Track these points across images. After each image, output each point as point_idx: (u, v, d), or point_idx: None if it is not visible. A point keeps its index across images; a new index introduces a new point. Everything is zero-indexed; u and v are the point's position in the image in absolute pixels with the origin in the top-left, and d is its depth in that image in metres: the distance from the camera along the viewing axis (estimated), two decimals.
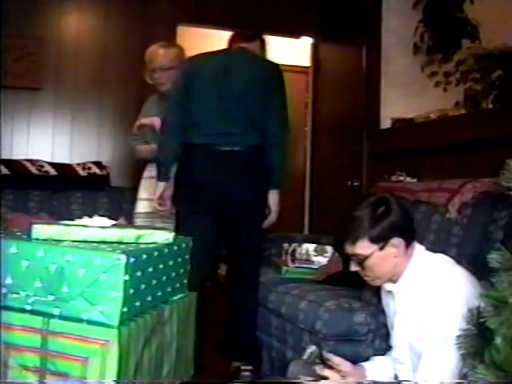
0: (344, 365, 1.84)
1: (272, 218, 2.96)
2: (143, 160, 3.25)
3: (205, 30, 4.96)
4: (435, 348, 1.65)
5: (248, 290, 2.91)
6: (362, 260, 1.78)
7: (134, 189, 3.31)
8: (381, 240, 1.76)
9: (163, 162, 2.83)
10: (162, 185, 2.83)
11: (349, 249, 1.80)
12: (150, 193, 3.10)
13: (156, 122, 3.05)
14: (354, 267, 1.83)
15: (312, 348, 1.91)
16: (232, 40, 3.02)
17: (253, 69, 2.83)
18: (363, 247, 1.77)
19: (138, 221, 3.14)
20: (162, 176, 2.83)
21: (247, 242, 2.88)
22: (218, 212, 2.81)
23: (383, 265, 1.78)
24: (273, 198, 2.93)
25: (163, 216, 3.01)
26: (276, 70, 2.88)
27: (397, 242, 1.76)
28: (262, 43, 3.08)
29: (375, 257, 1.76)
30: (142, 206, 3.16)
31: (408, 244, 1.79)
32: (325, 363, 1.84)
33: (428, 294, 1.71)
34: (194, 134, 2.76)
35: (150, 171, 3.14)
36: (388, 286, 1.85)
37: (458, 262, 1.83)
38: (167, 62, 3.05)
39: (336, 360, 1.84)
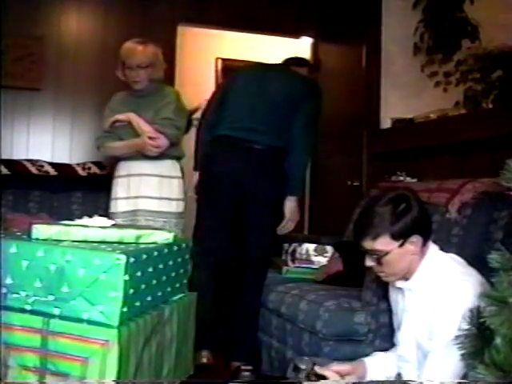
0: (341, 370, 1.83)
1: (288, 225, 3.02)
2: (115, 158, 3.12)
3: (205, 30, 4.96)
4: (443, 348, 1.64)
5: (251, 291, 2.93)
6: (381, 256, 1.77)
7: None
8: (401, 237, 1.76)
9: (199, 153, 3.10)
10: (197, 174, 3.07)
11: (368, 244, 1.79)
12: (128, 191, 3.02)
13: (132, 117, 2.98)
14: (369, 262, 1.82)
15: (305, 364, 1.86)
16: (284, 63, 3.28)
17: (290, 83, 3.00)
18: (384, 243, 1.76)
19: (119, 220, 2.93)
20: (198, 166, 3.10)
21: (255, 243, 2.92)
22: (232, 204, 2.93)
23: (400, 262, 1.78)
24: (289, 204, 3.00)
25: (146, 214, 2.97)
26: (313, 91, 3.06)
27: (416, 239, 1.77)
28: (312, 69, 3.34)
29: (394, 253, 1.76)
30: (120, 205, 3.02)
31: (425, 242, 1.79)
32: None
33: (439, 294, 1.71)
34: (221, 126, 2.96)
35: (129, 169, 3.04)
36: (399, 283, 1.84)
37: (469, 263, 1.83)
38: (145, 59, 2.97)
39: (330, 375, 1.81)
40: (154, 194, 2.98)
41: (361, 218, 1.84)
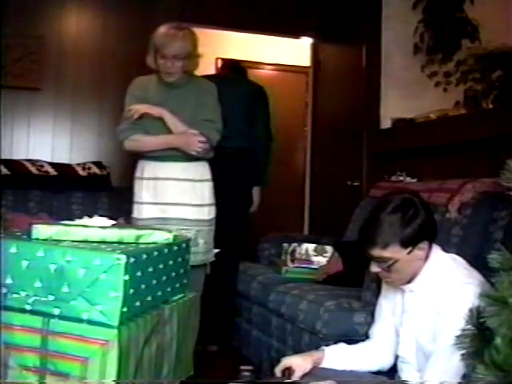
0: (291, 365, 1.87)
1: (254, 208, 3.66)
2: (135, 155, 2.81)
3: (205, 30, 4.96)
4: (446, 350, 1.64)
5: (226, 278, 3.33)
6: (390, 264, 1.75)
7: None
8: (410, 244, 1.73)
9: None
10: None
11: (376, 252, 1.75)
12: (155, 196, 2.70)
13: (167, 115, 2.65)
14: (375, 268, 1.79)
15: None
16: (223, 67, 4.14)
17: (243, 91, 3.59)
18: (394, 251, 1.74)
19: None
20: None
21: (228, 233, 3.23)
22: None
23: (408, 268, 1.76)
24: (256, 192, 3.63)
25: (177, 223, 2.66)
26: (262, 96, 3.64)
27: (424, 245, 1.75)
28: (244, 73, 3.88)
29: (403, 260, 1.74)
30: (146, 211, 2.70)
31: (431, 246, 1.78)
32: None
33: (443, 297, 1.70)
34: None
35: (155, 171, 2.71)
36: (403, 286, 1.84)
37: (469, 263, 1.83)
38: (183, 51, 2.63)
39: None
40: (185, 200, 2.70)
41: (367, 227, 1.80)
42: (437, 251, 1.82)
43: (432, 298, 1.74)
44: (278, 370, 1.88)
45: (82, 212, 3.26)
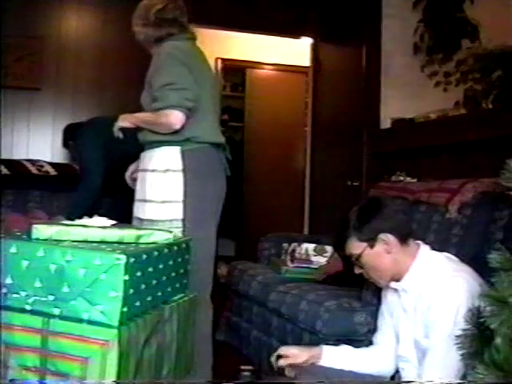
0: (289, 354, 1.91)
1: None
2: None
3: (205, 30, 4.96)
4: (440, 345, 1.65)
5: None
6: (356, 259, 1.80)
7: None
8: (368, 238, 1.79)
9: None
10: None
11: (345, 250, 1.84)
12: (167, 191, 2.33)
13: (122, 122, 2.64)
14: (357, 270, 1.87)
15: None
16: None
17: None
18: (353, 247, 1.81)
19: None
20: None
21: None
22: None
23: (379, 262, 1.80)
24: None
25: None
26: None
27: (385, 237, 1.78)
28: None
29: (367, 254, 1.80)
30: (161, 211, 2.34)
31: (403, 241, 1.80)
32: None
33: (432, 291, 1.72)
34: None
35: (165, 160, 2.32)
36: (393, 284, 1.86)
37: (462, 260, 1.84)
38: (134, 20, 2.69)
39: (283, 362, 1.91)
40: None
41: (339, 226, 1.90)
42: (425, 249, 1.85)
43: (423, 295, 1.76)
44: (273, 358, 1.94)
45: None
